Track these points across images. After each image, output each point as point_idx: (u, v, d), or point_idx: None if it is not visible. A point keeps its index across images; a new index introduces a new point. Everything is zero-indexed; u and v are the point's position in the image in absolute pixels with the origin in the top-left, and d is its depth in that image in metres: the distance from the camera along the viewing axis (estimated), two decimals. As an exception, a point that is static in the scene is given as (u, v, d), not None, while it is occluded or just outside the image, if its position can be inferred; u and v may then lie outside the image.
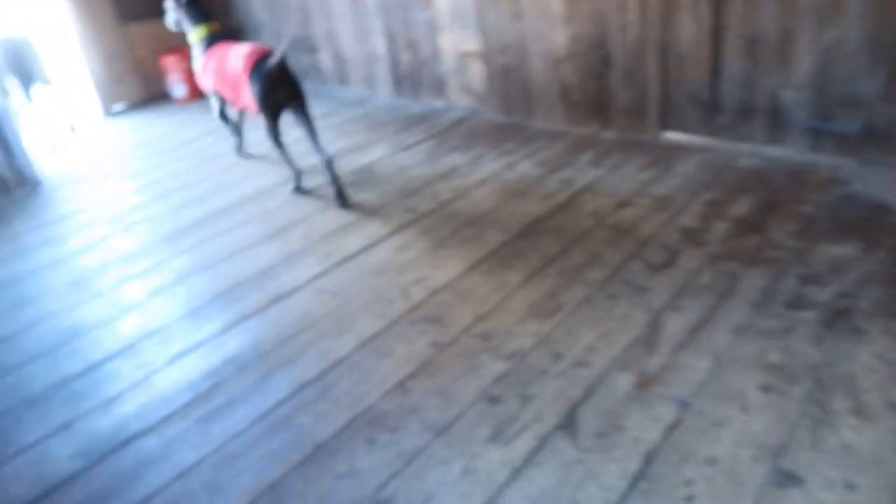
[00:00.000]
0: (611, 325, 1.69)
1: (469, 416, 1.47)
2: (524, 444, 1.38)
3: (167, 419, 1.58)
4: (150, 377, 1.74)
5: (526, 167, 2.71)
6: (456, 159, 2.89)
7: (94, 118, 4.47)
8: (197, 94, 4.34)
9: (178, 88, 4.57)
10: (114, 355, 1.85)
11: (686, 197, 2.28)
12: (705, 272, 1.85)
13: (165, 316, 2.01)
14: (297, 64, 4.60)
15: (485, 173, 2.70)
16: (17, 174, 3.15)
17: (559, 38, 2.88)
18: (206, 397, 1.63)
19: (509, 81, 3.19)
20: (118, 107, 4.59)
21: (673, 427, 1.37)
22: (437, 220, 2.37)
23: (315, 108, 4.03)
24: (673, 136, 2.72)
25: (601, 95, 2.86)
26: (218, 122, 3.32)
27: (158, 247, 2.47)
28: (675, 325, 1.66)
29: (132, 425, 1.57)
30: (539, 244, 2.12)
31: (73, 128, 4.12)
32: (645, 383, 1.49)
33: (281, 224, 2.51)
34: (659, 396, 1.45)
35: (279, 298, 2.02)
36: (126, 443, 1.52)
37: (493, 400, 1.50)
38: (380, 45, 3.76)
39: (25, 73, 3.78)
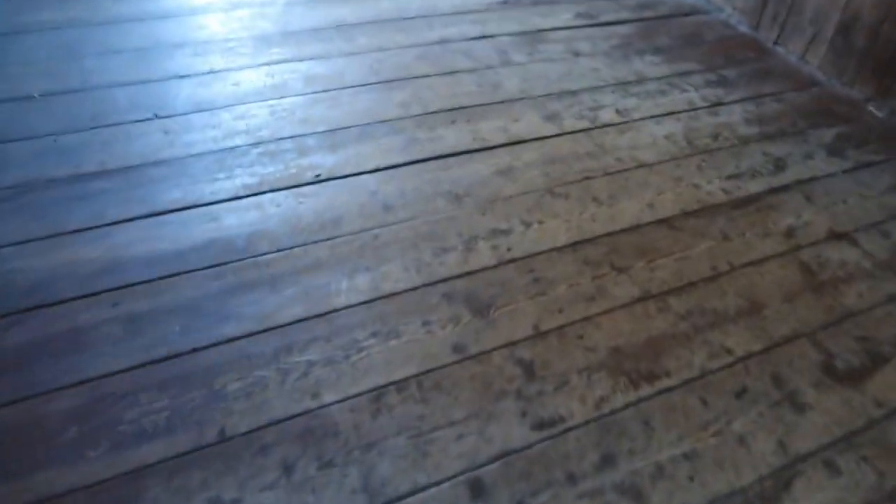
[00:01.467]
0: (712, 443, 1.07)
1: None
2: None
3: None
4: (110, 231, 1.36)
5: (734, 116, 1.90)
6: (649, 67, 2.10)
7: None
8: None
9: None
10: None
11: (947, 266, 1.46)
12: (912, 421, 1.14)
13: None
14: None
15: (673, 103, 1.93)
16: None
17: (879, -58, 1.89)
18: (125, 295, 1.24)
19: (776, -19, 2.24)
20: None
21: None
22: (574, 150, 1.71)
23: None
24: (976, 153, 1.77)
25: (897, 51, 1.90)
26: None
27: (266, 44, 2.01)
28: (813, 498, 1.01)
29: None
30: (684, 250, 1.43)
31: None
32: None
33: (392, 75, 1.94)
34: None
35: (322, 179, 1.53)
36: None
37: (478, 492, 0.98)
38: None
39: None
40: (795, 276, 1.40)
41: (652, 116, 1.86)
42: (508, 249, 1.39)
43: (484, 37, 2.17)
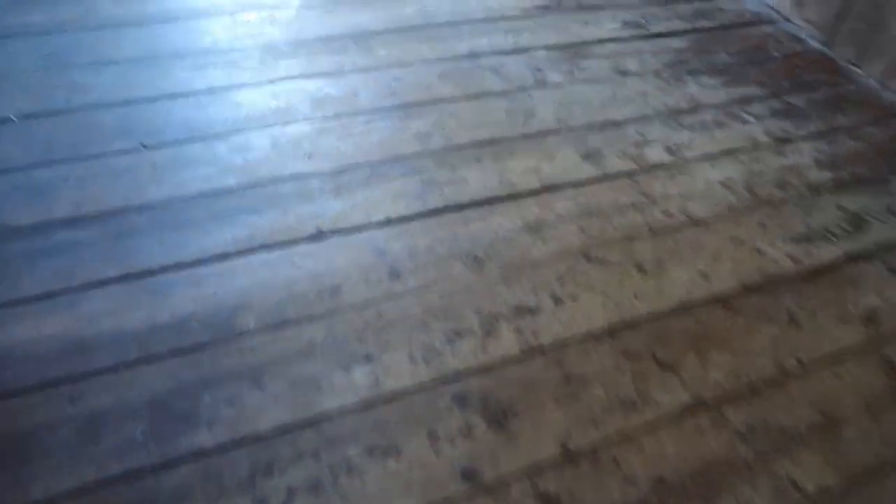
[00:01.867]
0: None
1: None
2: None
3: (41, 396, 1.04)
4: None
5: (803, 157, 1.64)
6: (705, 91, 1.84)
7: None
8: None
9: None
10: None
11: None
12: None
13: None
14: None
15: (732, 139, 1.68)
16: None
17: None
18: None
19: (856, -9, 1.95)
20: None
21: None
22: (615, 199, 1.48)
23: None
24: None
25: None
26: None
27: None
28: None
29: None
30: (743, 339, 1.21)
31: None
32: None
33: (412, 97, 1.72)
34: None
35: (323, 233, 1.33)
36: None
37: None
38: None
39: None
40: (879, 380, 1.17)
41: (707, 156, 1.61)
42: (534, 334, 1.18)
43: (518, 50, 1.92)
